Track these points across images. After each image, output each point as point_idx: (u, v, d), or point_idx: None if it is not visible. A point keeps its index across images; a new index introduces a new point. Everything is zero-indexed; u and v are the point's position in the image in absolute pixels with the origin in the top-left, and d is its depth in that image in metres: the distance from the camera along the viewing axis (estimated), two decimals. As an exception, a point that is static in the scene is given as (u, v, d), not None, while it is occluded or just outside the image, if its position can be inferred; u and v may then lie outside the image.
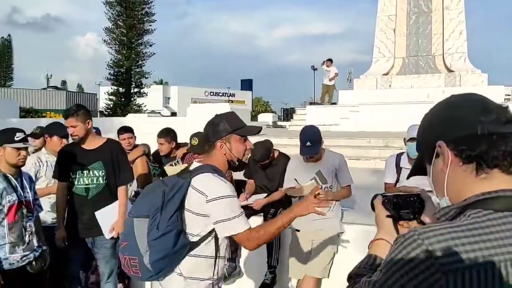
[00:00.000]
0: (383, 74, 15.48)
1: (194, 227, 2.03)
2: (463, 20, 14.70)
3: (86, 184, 3.47)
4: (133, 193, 5.00)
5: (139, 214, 2.05)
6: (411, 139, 3.52)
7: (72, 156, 3.47)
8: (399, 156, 3.77)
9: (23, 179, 3.12)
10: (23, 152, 3.01)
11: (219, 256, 2.09)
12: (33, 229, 3.11)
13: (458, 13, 14.71)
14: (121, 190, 3.51)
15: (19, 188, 3.03)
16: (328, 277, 3.55)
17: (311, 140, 3.43)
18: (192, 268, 2.03)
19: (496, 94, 12.10)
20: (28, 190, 3.13)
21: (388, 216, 1.41)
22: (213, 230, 2.04)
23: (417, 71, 15.23)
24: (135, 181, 5.02)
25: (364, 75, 16.14)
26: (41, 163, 3.83)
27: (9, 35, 70.10)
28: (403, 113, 11.65)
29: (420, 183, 1.37)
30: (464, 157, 0.94)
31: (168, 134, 4.59)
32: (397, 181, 3.67)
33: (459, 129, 0.95)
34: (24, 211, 3.04)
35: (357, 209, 4.43)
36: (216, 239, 2.06)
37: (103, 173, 3.46)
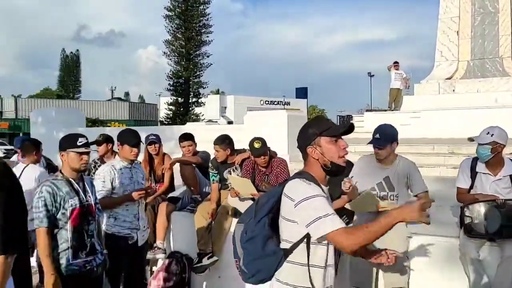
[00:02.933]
0: (446, 79, 14.78)
1: (287, 233, 2.04)
2: (533, 19, 13.77)
3: None
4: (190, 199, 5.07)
5: (240, 220, 2.23)
6: (481, 144, 3.30)
7: None
8: (475, 160, 3.53)
9: (85, 183, 3.20)
10: (85, 157, 3.08)
11: (312, 265, 2.02)
12: (95, 233, 3.18)
13: (528, 12, 13.80)
14: None
15: (81, 192, 3.10)
16: (407, 286, 3.33)
17: (381, 133, 3.32)
18: (289, 274, 2.04)
19: None
20: (90, 194, 3.19)
21: None
22: (305, 236, 2.00)
23: (483, 74, 14.41)
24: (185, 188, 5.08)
25: (425, 80, 15.49)
26: (115, 171, 3.72)
27: (77, 50, 74.51)
28: (468, 119, 11.03)
29: (499, 189, 1.23)
30: None
31: (223, 141, 4.60)
32: (471, 187, 3.44)
33: None
34: (86, 215, 3.11)
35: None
36: (308, 246, 2.01)
37: None
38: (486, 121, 3.51)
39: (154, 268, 4.92)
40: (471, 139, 3.48)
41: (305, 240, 2.00)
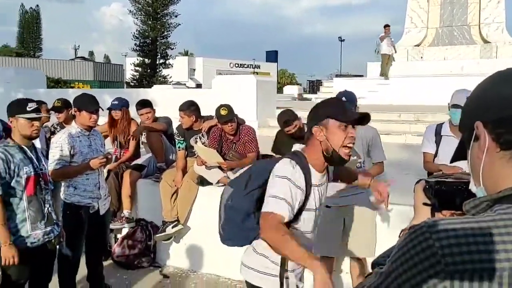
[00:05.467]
0: (415, 45, 14.91)
1: None
2: (502, -12, 13.90)
3: None
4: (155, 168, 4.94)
5: (230, 183, 2.24)
6: (455, 106, 3.29)
7: None
8: (439, 126, 3.54)
9: (38, 151, 3.04)
10: (36, 123, 2.91)
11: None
12: (51, 203, 3.05)
13: (497, -19, 13.91)
14: None
15: (34, 160, 2.94)
16: (374, 256, 3.36)
17: (347, 97, 3.26)
18: (263, 245, 2.03)
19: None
20: (43, 162, 3.04)
21: (425, 204, 1.28)
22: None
23: (451, 42, 14.60)
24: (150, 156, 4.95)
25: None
26: (73, 139, 3.49)
27: (37, 5, 70.49)
28: (435, 86, 11.22)
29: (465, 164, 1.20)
30: (502, 142, 0.79)
31: (188, 107, 4.46)
32: (436, 153, 3.46)
33: (501, 109, 0.79)
34: (42, 183, 2.97)
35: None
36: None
37: None
38: (453, 89, 3.51)
39: (119, 236, 4.84)
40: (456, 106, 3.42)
41: None
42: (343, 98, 3.29)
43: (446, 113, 3.55)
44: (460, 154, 0.97)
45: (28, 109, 2.87)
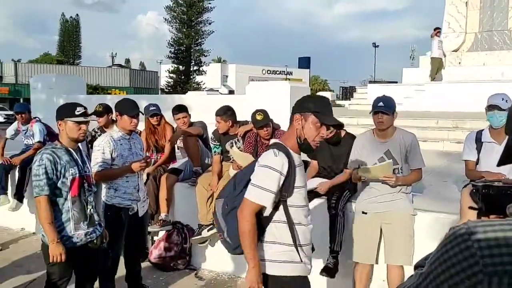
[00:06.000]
0: (453, 51, 14.54)
1: None
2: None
3: None
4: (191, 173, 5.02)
5: (219, 195, 2.41)
6: (491, 107, 3.21)
7: None
8: (479, 133, 3.46)
9: (83, 153, 3.14)
10: (83, 126, 3.01)
11: (291, 223, 2.23)
12: (94, 204, 3.14)
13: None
14: None
15: (79, 162, 3.04)
16: (411, 264, 3.27)
17: (384, 101, 3.23)
18: (269, 233, 2.25)
19: None
20: (88, 165, 3.15)
21: (471, 207, 1.26)
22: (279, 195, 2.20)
23: (490, 47, 14.15)
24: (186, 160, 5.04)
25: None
26: (114, 142, 3.61)
27: (77, 14, 73.33)
28: (474, 93, 10.90)
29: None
30: None
31: (225, 112, 4.52)
32: (478, 159, 3.39)
33: None
34: (85, 185, 3.06)
35: (426, 194, 4.15)
36: (282, 205, 2.23)
37: None
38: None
39: (156, 238, 4.94)
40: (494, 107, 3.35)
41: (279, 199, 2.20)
42: (381, 103, 3.27)
43: (485, 120, 3.46)
44: (507, 157, 0.96)
45: (76, 112, 2.97)
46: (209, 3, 38.96)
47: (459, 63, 14.04)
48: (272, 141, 2.36)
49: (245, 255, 2.18)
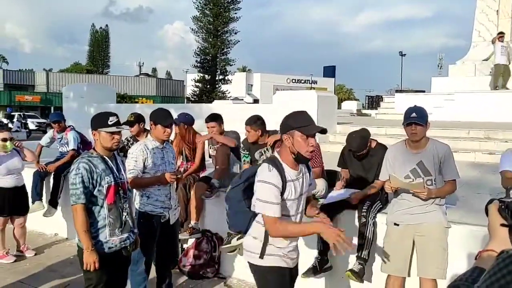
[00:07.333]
0: (483, 60, 14.25)
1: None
2: None
3: None
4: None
5: (232, 184, 2.86)
6: None
7: None
8: None
9: (117, 161, 3.21)
10: (116, 136, 3.07)
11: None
12: (128, 211, 3.21)
13: None
14: None
15: (115, 170, 3.11)
16: (445, 278, 3.20)
17: (417, 112, 3.20)
18: (255, 230, 2.61)
19: None
20: (123, 172, 3.21)
21: (503, 225, 1.23)
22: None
23: (522, 56, 13.79)
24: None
25: (460, 61, 14.98)
26: (148, 151, 3.69)
27: (106, 25, 75.13)
28: (505, 103, 10.65)
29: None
30: None
31: (255, 122, 4.55)
32: None
33: None
34: (121, 192, 3.13)
35: (460, 206, 4.07)
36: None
37: None
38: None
39: (185, 246, 4.99)
40: None
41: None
42: (414, 114, 3.24)
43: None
44: None
45: (109, 122, 3.03)
46: (235, 13, 39.40)
47: (490, 72, 13.74)
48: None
49: (309, 233, 2.58)
